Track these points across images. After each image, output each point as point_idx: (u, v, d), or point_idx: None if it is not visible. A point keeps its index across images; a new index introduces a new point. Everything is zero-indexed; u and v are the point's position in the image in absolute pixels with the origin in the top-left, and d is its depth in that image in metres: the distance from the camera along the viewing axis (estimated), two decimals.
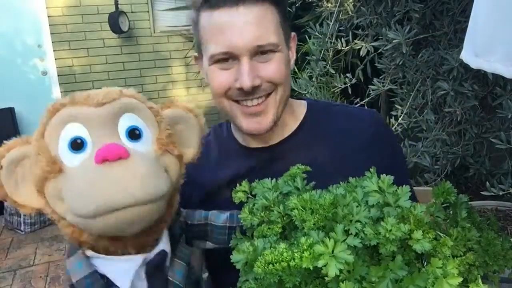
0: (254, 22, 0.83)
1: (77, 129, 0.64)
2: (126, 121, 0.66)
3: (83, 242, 0.66)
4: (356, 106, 1.18)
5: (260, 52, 0.85)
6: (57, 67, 4.68)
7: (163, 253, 0.70)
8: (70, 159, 0.63)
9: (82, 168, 0.61)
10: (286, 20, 0.90)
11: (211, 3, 0.84)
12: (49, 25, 4.55)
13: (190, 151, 0.78)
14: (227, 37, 0.83)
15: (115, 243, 0.65)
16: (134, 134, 0.65)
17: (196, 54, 0.98)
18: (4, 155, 0.65)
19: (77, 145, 0.63)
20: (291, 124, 0.99)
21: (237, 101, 0.90)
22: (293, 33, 0.96)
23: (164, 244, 0.71)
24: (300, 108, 1.02)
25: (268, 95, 0.89)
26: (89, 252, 0.67)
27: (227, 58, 0.86)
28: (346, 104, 1.13)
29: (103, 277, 0.66)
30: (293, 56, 0.97)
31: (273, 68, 0.87)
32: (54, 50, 4.62)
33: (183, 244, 0.76)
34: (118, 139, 0.64)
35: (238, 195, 0.72)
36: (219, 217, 0.82)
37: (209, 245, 0.83)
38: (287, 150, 0.97)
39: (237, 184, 0.72)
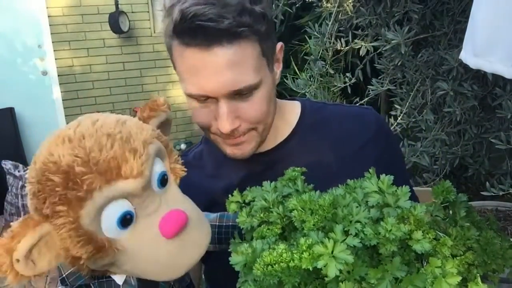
0: (228, 66, 0.75)
1: (122, 204, 0.57)
2: (156, 170, 0.62)
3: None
4: (354, 105, 1.14)
5: (239, 93, 0.79)
6: (57, 67, 4.68)
7: None
8: (118, 234, 0.58)
9: (150, 242, 0.58)
10: (269, 39, 0.83)
11: (182, 39, 0.76)
12: (49, 25, 4.55)
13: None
14: (201, 81, 0.77)
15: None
16: (164, 180, 0.62)
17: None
18: (15, 248, 0.53)
19: (127, 221, 0.57)
20: (284, 129, 0.96)
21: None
22: (279, 44, 0.89)
23: None
24: (293, 111, 0.99)
25: (249, 130, 0.85)
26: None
27: (205, 98, 0.80)
28: (343, 103, 1.08)
29: (92, 270, 0.63)
30: (279, 67, 0.91)
31: (253, 108, 0.82)
32: (54, 50, 4.62)
33: None
34: (154, 193, 0.60)
35: (232, 206, 0.71)
36: (208, 216, 0.81)
37: None
38: (281, 157, 0.94)
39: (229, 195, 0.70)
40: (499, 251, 0.58)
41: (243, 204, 0.70)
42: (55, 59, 4.65)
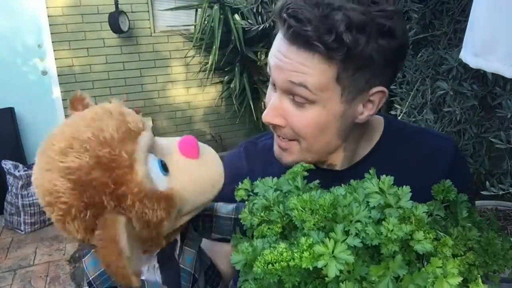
0: (296, 62, 0.75)
1: (151, 157, 0.62)
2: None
3: None
4: (435, 132, 1.08)
5: (293, 93, 0.78)
6: (57, 67, 4.68)
7: (173, 241, 0.70)
8: (164, 183, 0.62)
9: (186, 171, 0.65)
10: (357, 72, 0.77)
11: (279, 26, 0.78)
12: (49, 25, 4.54)
13: None
14: (272, 66, 0.79)
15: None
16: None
17: None
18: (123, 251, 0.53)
19: (164, 165, 0.63)
20: (364, 148, 0.93)
21: None
22: (380, 88, 0.81)
23: None
24: (376, 131, 0.95)
25: (291, 140, 0.84)
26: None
27: (273, 84, 0.82)
28: (421, 126, 1.00)
29: None
30: (369, 110, 0.83)
31: (301, 119, 0.80)
32: (54, 50, 4.62)
33: (192, 232, 0.76)
34: (158, 147, 0.66)
35: (239, 193, 0.72)
36: (225, 208, 0.83)
37: (215, 236, 0.83)
38: (352, 176, 0.87)
39: None
40: (500, 251, 0.58)
41: (251, 193, 0.71)
42: (55, 59, 4.65)
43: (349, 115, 0.82)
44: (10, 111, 4.44)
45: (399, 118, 2.08)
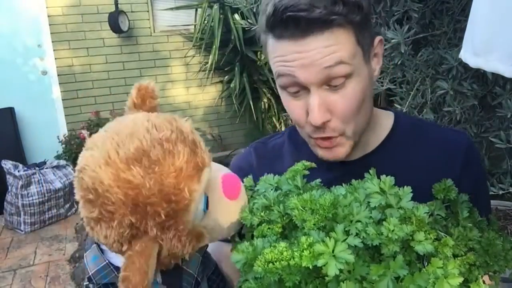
0: (320, 52, 0.75)
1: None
2: None
3: None
4: (447, 127, 1.07)
5: (331, 79, 0.77)
6: (57, 67, 4.68)
7: None
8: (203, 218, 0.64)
9: (223, 211, 0.66)
10: (365, 30, 0.80)
11: (274, 33, 0.78)
12: (49, 24, 4.54)
13: None
14: (293, 71, 0.77)
15: None
16: None
17: None
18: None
19: (207, 203, 0.63)
20: (374, 140, 0.93)
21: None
22: (378, 37, 0.86)
23: None
24: (386, 123, 0.95)
25: (337, 137, 0.83)
26: (104, 246, 0.66)
27: (297, 90, 0.80)
28: (437, 123, 1.00)
29: (118, 269, 0.65)
30: (378, 63, 0.87)
31: (345, 100, 0.79)
32: (54, 50, 4.62)
33: None
34: None
35: None
36: None
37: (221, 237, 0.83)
38: (365, 168, 0.85)
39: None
40: (501, 252, 0.58)
41: (254, 189, 0.71)
42: (55, 58, 4.65)
43: (371, 75, 0.85)
44: (10, 111, 4.44)
45: None
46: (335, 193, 0.60)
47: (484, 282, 0.56)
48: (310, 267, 0.50)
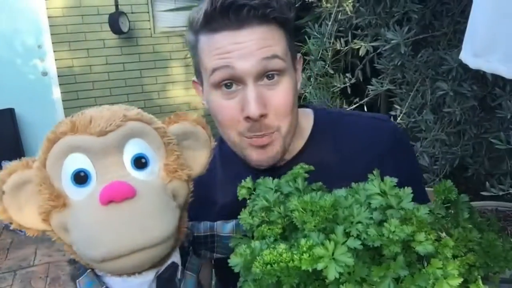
0: (258, 45, 0.78)
1: (80, 160, 0.60)
2: (132, 148, 0.62)
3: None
4: (370, 114, 1.08)
5: (266, 75, 0.80)
6: (57, 68, 4.68)
7: (174, 265, 0.69)
8: (74, 193, 0.61)
9: (87, 206, 0.59)
10: (292, 42, 0.86)
11: (211, 26, 0.79)
12: (49, 25, 4.55)
13: (199, 165, 0.74)
14: (230, 60, 0.78)
15: None
16: (140, 163, 0.63)
17: (195, 79, 0.94)
18: (5, 180, 0.61)
19: (80, 178, 0.60)
20: (298, 142, 0.95)
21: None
22: (299, 55, 0.91)
23: (174, 257, 0.69)
24: (306, 124, 0.97)
25: (272, 133, 0.84)
26: (99, 272, 0.66)
27: (231, 83, 0.81)
28: (359, 112, 1.02)
29: None
30: (299, 79, 0.92)
31: (280, 96, 0.82)
32: (54, 51, 4.63)
33: (192, 255, 0.75)
34: (124, 169, 0.62)
35: (242, 192, 0.71)
36: (225, 227, 0.82)
37: (217, 255, 0.83)
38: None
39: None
40: (501, 253, 0.58)
41: (253, 192, 0.70)
42: (55, 59, 4.66)
43: (296, 83, 0.89)
44: (10, 112, 4.44)
45: (398, 118, 2.08)
46: (336, 195, 0.60)
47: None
48: (310, 270, 0.50)
